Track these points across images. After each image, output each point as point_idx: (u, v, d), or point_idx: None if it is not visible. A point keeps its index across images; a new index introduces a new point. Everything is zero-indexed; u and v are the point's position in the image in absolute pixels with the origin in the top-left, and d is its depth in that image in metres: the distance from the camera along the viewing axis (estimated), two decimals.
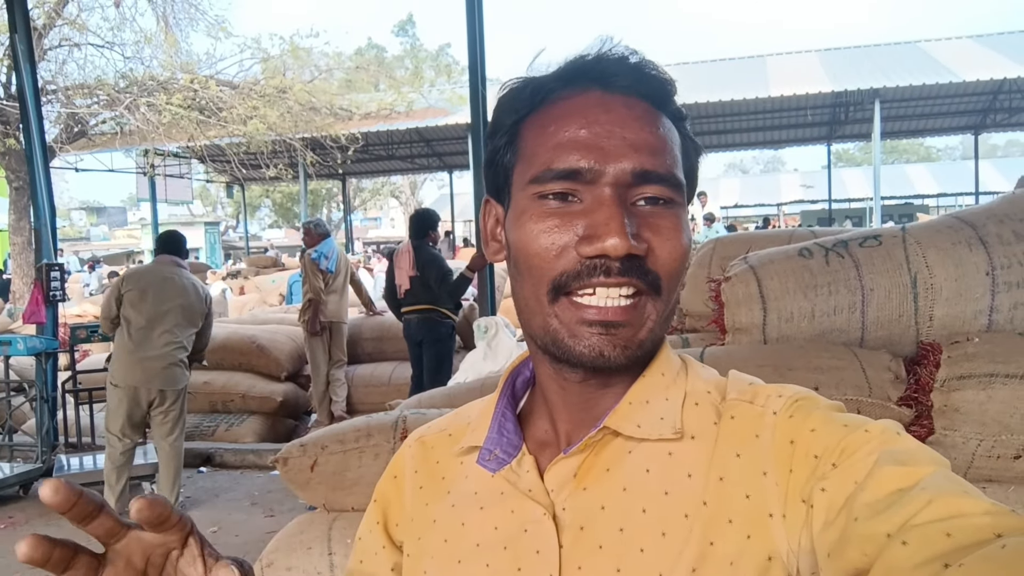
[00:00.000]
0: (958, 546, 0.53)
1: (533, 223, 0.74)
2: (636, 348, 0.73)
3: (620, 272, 0.70)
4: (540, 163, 0.74)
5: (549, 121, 0.75)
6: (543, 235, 0.73)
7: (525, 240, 0.74)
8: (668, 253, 0.73)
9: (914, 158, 53.42)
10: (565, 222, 0.72)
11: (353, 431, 2.45)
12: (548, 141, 0.74)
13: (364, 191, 50.31)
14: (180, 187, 27.46)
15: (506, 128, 0.79)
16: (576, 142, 0.73)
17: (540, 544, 0.74)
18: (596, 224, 0.70)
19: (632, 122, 0.73)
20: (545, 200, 0.74)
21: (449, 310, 6.51)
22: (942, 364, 2.03)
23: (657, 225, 0.73)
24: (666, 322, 0.76)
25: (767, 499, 0.69)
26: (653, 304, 0.73)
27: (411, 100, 19.34)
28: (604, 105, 0.74)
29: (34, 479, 6.16)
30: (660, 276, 0.72)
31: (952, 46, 21.33)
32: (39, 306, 6.35)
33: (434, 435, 0.92)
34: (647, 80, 0.76)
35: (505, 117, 0.80)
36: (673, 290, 0.75)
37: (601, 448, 0.76)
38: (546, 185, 0.73)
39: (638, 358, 0.74)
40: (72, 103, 14.39)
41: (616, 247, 0.69)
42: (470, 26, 6.31)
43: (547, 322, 0.74)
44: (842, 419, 0.69)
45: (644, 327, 0.73)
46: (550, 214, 0.73)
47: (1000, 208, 2.27)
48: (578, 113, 0.74)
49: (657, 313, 0.73)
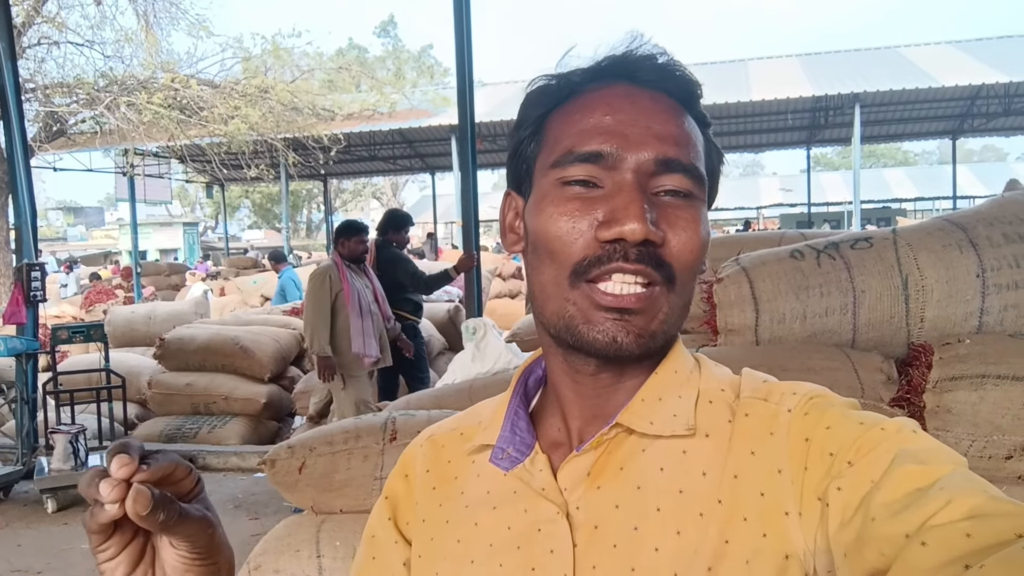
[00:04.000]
0: (978, 547, 0.53)
1: (554, 207, 0.74)
2: (649, 338, 0.73)
3: (637, 258, 0.70)
4: (563, 147, 0.75)
5: (574, 110, 0.76)
6: (564, 219, 0.73)
7: (546, 224, 0.74)
8: (684, 245, 0.72)
9: (892, 162, 54.02)
10: (586, 207, 0.72)
11: (342, 433, 2.44)
12: (572, 128, 0.75)
13: (345, 192, 50.20)
14: (159, 187, 27.27)
15: (531, 121, 0.80)
16: (600, 127, 0.73)
17: (554, 543, 0.74)
18: (616, 208, 0.71)
19: (658, 113, 0.74)
20: (566, 186, 0.74)
21: (408, 312, 6.39)
22: (934, 365, 2.04)
23: (675, 216, 0.73)
24: (680, 316, 0.76)
25: (782, 497, 0.68)
26: (667, 296, 0.73)
27: (393, 101, 19.32)
28: (630, 96, 0.75)
29: (14, 481, 6.10)
30: (675, 269, 0.72)
31: (931, 51, 21.59)
32: (19, 307, 6.27)
33: (445, 434, 0.91)
34: (674, 79, 0.76)
35: (531, 111, 0.80)
36: (688, 284, 0.75)
37: (615, 446, 0.76)
38: (567, 169, 0.74)
39: (651, 349, 0.74)
40: (51, 102, 14.25)
41: (635, 232, 0.69)
42: (457, 27, 6.30)
43: (564, 307, 0.74)
44: (858, 416, 0.69)
45: (657, 317, 0.73)
46: (572, 198, 0.73)
47: (990, 211, 2.29)
48: (604, 102, 0.75)
49: (670, 305, 0.73)
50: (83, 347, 8.10)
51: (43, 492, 5.65)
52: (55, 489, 5.65)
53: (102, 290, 16.09)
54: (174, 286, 18.04)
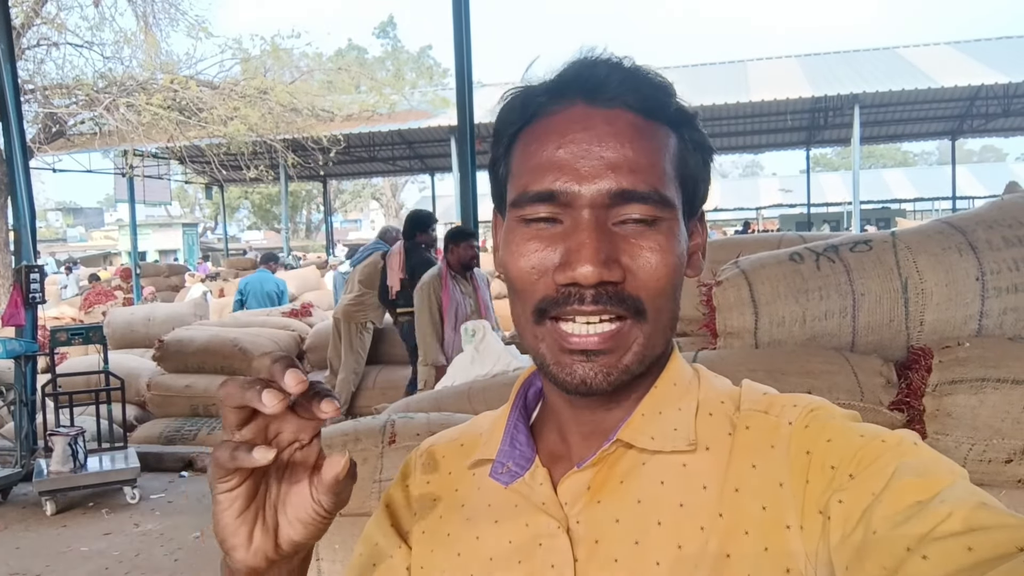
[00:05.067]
0: (979, 560, 0.53)
1: (515, 246, 0.74)
2: (621, 373, 0.72)
3: (594, 300, 0.69)
4: (520, 185, 0.74)
5: (532, 139, 0.75)
6: (523, 259, 0.73)
7: (509, 262, 0.75)
8: (650, 275, 0.71)
9: (891, 163, 54.05)
10: (546, 245, 0.72)
11: (340, 435, 2.43)
12: (528, 161, 0.74)
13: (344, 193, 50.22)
14: (158, 188, 27.25)
15: (504, 139, 0.79)
16: (552, 163, 0.72)
17: (555, 558, 0.74)
18: (569, 251, 0.70)
19: (610, 139, 0.71)
20: (527, 224, 0.73)
21: None
22: (933, 369, 2.04)
23: (638, 247, 0.71)
24: (659, 341, 0.75)
25: (784, 510, 0.68)
26: (640, 328, 0.72)
27: (393, 102, 19.28)
28: (584, 121, 0.72)
29: (13, 483, 6.09)
30: (642, 299, 0.71)
31: (930, 52, 21.59)
32: (18, 308, 6.26)
33: (446, 445, 0.91)
34: (634, 90, 0.73)
35: (503, 128, 0.79)
36: (661, 309, 0.73)
37: (615, 461, 0.75)
38: (525, 208, 0.73)
39: (624, 383, 0.73)
40: (50, 103, 14.23)
41: (587, 276, 0.68)
42: (456, 28, 6.30)
43: (535, 344, 0.75)
44: (858, 429, 0.69)
45: (629, 352, 0.72)
46: (532, 237, 0.73)
47: (989, 214, 2.29)
48: (556, 132, 0.73)
49: (645, 336, 0.72)
50: (82, 349, 8.09)
51: (42, 494, 5.65)
52: (54, 491, 5.64)
53: (101, 291, 16.06)
54: (173, 287, 18.02)
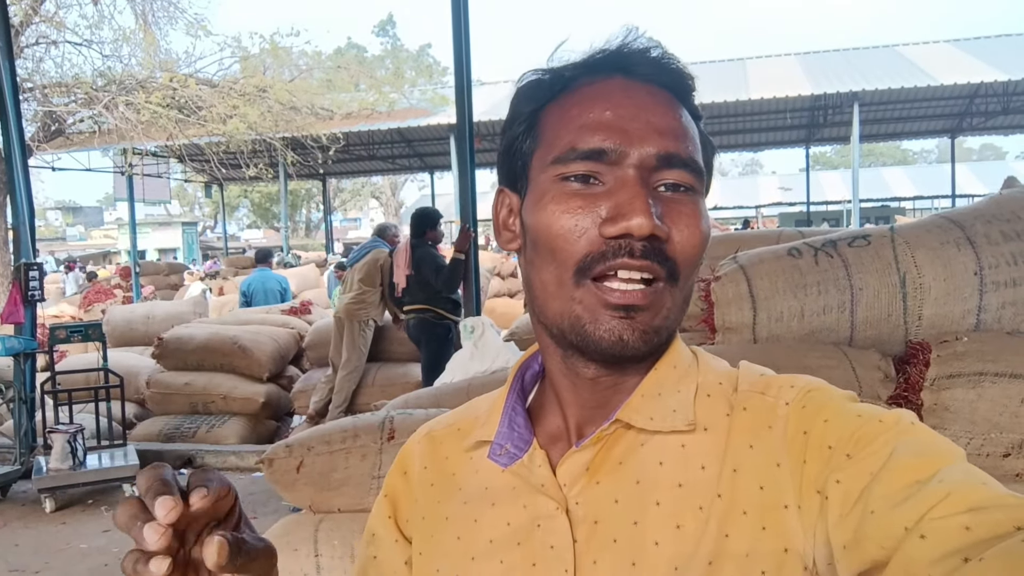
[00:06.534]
0: (978, 540, 0.53)
1: (555, 204, 0.73)
2: (654, 334, 0.72)
3: (643, 254, 0.69)
4: (564, 144, 0.73)
5: (571, 105, 0.75)
6: (566, 216, 0.72)
7: (547, 222, 0.73)
8: (687, 240, 0.72)
9: (891, 161, 54.02)
10: (588, 203, 0.72)
11: (340, 432, 2.44)
12: (572, 123, 0.74)
13: (344, 191, 50.19)
14: (158, 187, 27.26)
15: (524, 116, 0.79)
16: (601, 123, 0.72)
17: (554, 539, 0.74)
18: (620, 204, 0.70)
19: (656, 107, 0.73)
20: (567, 182, 0.73)
21: (447, 310, 6.50)
22: (932, 363, 2.04)
23: (678, 212, 0.72)
24: (681, 312, 0.76)
25: (781, 490, 0.68)
26: (670, 292, 0.72)
27: (392, 100, 19.25)
28: (627, 90, 0.74)
29: (12, 481, 6.09)
30: (678, 264, 0.72)
31: (930, 50, 21.59)
32: (17, 306, 6.26)
33: (443, 430, 0.91)
34: (669, 72, 0.76)
35: (524, 106, 0.79)
36: (689, 279, 0.74)
37: (613, 441, 0.76)
38: (570, 166, 0.72)
39: (655, 345, 0.73)
40: (49, 101, 14.19)
41: (641, 226, 0.68)
42: (456, 26, 6.29)
43: (569, 307, 0.73)
44: (855, 409, 0.69)
45: (661, 313, 0.72)
46: (573, 195, 0.72)
47: (988, 209, 2.29)
48: (602, 97, 0.74)
49: (673, 301, 0.73)
50: (81, 347, 8.09)
51: (41, 492, 5.65)
52: (53, 489, 5.65)
53: (101, 290, 16.07)
54: (173, 285, 18.03)
